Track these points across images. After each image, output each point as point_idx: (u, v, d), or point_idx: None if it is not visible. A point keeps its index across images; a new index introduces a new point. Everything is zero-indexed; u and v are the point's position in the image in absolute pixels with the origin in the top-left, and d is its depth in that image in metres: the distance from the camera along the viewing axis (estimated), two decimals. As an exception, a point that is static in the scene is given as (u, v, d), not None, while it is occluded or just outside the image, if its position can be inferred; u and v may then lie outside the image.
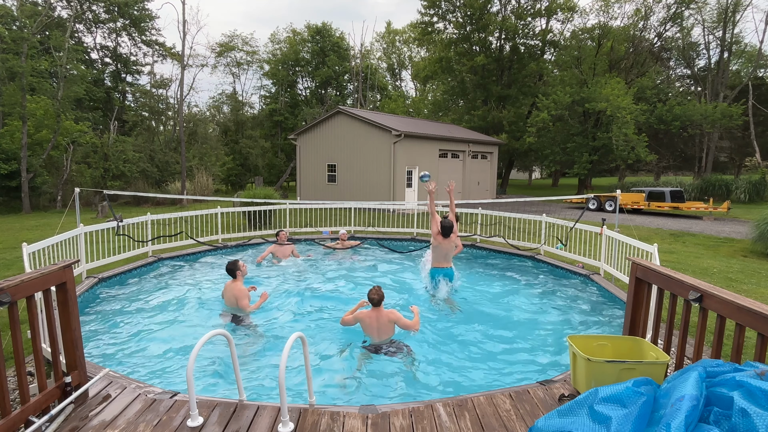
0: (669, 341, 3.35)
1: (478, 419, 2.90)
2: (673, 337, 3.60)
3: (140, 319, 5.61)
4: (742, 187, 24.07)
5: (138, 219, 8.57)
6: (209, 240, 9.94)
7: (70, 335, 3.03)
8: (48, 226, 14.28)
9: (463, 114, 33.36)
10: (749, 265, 9.20)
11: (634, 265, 3.58)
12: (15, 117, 21.49)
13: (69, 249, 6.42)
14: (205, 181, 26.16)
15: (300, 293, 6.60)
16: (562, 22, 32.20)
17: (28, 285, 2.63)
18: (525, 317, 5.86)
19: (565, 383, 3.40)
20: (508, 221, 10.37)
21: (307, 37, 40.25)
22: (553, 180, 44.83)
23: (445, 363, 4.51)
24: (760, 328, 2.34)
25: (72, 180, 23.30)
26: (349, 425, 2.83)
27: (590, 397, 2.24)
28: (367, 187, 19.04)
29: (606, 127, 25.66)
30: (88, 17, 31.95)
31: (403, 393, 3.92)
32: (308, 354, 3.09)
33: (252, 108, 42.77)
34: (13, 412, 2.54)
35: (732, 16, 28.29)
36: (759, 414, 1.75)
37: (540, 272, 8.20)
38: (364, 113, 20.92)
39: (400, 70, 52.40)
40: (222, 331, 2.86)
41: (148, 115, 35.14)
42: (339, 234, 10.03)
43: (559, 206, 22.07)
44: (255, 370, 4.32)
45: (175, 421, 2.85)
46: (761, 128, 31.13)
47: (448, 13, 31.90)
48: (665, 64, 34.84)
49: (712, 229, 14.81)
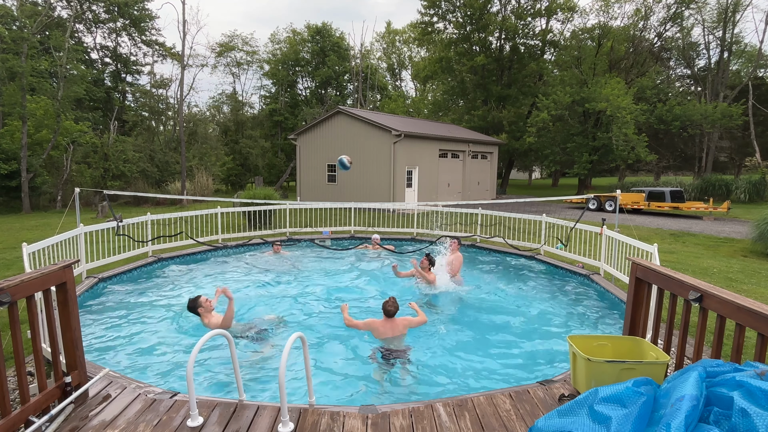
0: (669, 341, 3.35)
1: (478, 419, 2.90)
2: (673, 337, 3.60)
3: (140, 319, 5.61)
4: (742, 187, 24.06)
5: (138, 219, 8.57)
6: (209, 240, 9.94)
7: (70, 335, 3.03)
8: (48, 226, 14.28)
9: (463, 114, 33.37)
10: (749, 265, 9.20)
11: (634, 265, 3.58)
12: (15, 117, 21.50)
13: (69, 249, 6.41)
14: (205, 181, 26.16)
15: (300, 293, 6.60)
16: (562, 22, 32.23)
17: (28, 285, 2.63)
18: (525, 317, 5.86)
19: (565, 383, 3.40)
20: (508, 221, 10.37)
21: (307, 37, 40.26)
22: (553, 180, 44.82)
23: (445, 363, 4.51)
24: (760, 328, 2.34)
25: (72, 180, 23.30)
26: (349, 425, 2.83)
27: (590, 397, 2.24)
28: (367, 187, 19.04)
29: (606, 127, 25.66)
30: (88, 17, 31.96)
31: (403, 393, 3.92)
32: (308, 354, 3.09)
33: (252, 108, 42.84)
34: (13, 412, 2.53)
35: (732, 16, 28.29)
36: (759, 414, 1.75)
37: (540, 272, 8.20)
38: (364, 113, 20.91)
39: (400, 70, 52.41)
40: (222, 331, 2.86)
41: (148, 115, 35.16)
42: (372, 239, 9.89)
43: (559, 206, 22.07)
44: (255, 370, 4.32)
45: (175, 421, 2.85)
46: (761, 128, 31.12)
47: (448, 13, 31.90)
48: (665, 64, 34.84)
49: (712, 229, 14.81)
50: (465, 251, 9.13)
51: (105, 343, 4.86)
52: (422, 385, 4.10)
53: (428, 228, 11.64)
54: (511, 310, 6.11)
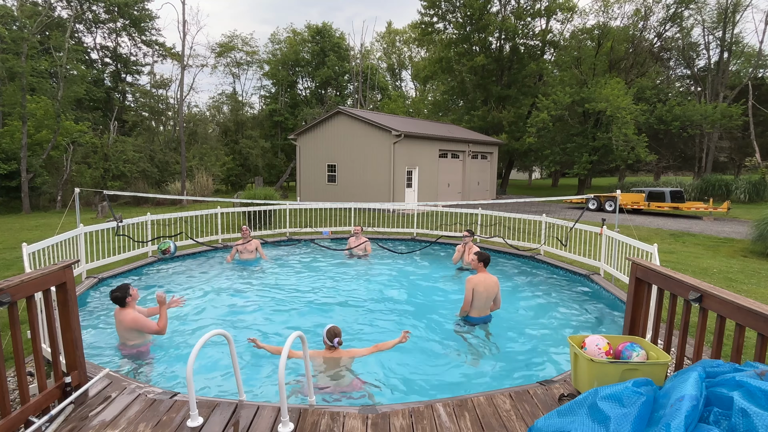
0: (669, 341, 3.35)
1: (478, 419, 2.90)
2: (673, 337, 3.60)
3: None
4: (742, 187, 24.05)
5: (138, 219, 8.58)
6: (209, 240, 9.94)
7: (70, 335, 3.03)
8: (48, 226, 14.28)
9: (463, 114, 33.37)
10: (749, 265, 9.20)
11: (634, 265, 3.58)
12: (15, 117, 21.50)
13: (69, 249, 6.42)
14: (205, 181, 26.16)
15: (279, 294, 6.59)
16: (562, 23, 32.22)
17: (28, 285, 2.63)
18: (525, 317, 5.87)
19: (565, 383, 3.40)
20: (507, 221, 10.38)
21: (308, 38, 40.27)
22: (553, 180, 44.82)
23: (445, 363, 4.51)
24: (760, 328, 2.34)
25: (72, 180, 23.30)
26: (349, 425, 2.83)
27: (590, 397, 2.24)
28: (367, 187, 19.04)
29: (606, 128, 25.66)
30: (88, 17, 31.97)
31: (403, 393, 3.92)
32: (307, 353, 3.09)
33: (252, 108, 42.86)
34: (13, 412, 2.54)
35: (732, 16, 28.28)
36: (759, 414, 1.75)
37: (540, 272, 8.20)
38: (364, 113, 20.91)
39: (400, 70, 52.42)
40: (222, 331, 2.86)
41: (148, 115, 35.17)
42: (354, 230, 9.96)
43: (559, 206, 22.07)
44: (255, 370, 4.32)
45: (175, 421, 2.85)
46: (761, 128, 31.13)
47: (448, 14, 31.90)
48: (665, 64, 34.83)
49: (712, 229, 14.81)
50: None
51: (105, 344, 4.86)
52: (422, 385, 4.10)
53: (428, 228, 11.64)
54: (510, 310, 6.11)
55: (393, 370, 4.30)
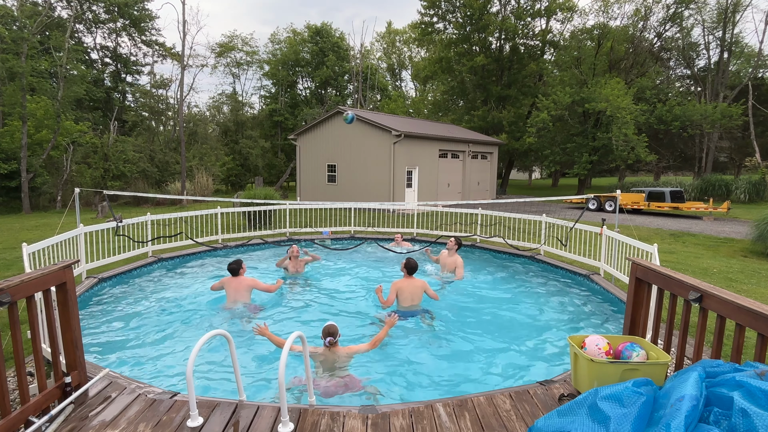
0: (669, 341, 3.35)
1: (478, 419, 2.90)
2: (673, 337, 3.60)
3: (140, 319, 5.60)
4: (742, 187, 24.05)
5: (138, 219, 8.57)
6: (209, 240, 9.94)
7: (70, 335, 3.03)
8: (48, 226, 14.28)
9: (463, 114, 33.36)
10: (749, 265, 9.21)
11: (634, 265, 3.58)
12: (15, 117, 21.50)
13: (69, 249, 6.41)
14: (205, 181, 26.16)
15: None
16: (562, 23, 32.23)
17: (28, 285, 2.63)
18: (525, 317, 5.86)
19: (565, 383, 3.40)
20: (507, 221, 10.38)
21: (307, 38, 40.27)
22: (553, 180, 44.82)
23: (445, 363, 4.51)
24: (760, 328, 2.34)
25: (72, 180, 23.30)
26: (349, 425, 2.83)
27: (590, 397, 2.24)
28: (367, 187, 19.04)
29: (606, 128, 25.66)
30: (88, 17, 31.98)
31: (403, 393, 3.91)
32: (308, 353, 3.09)
33: (252, 108, 42.86)
34: (13, 412, 2.54)
35: (732, 16, 28.28)
36: (759, 414, 1.75)
37: (540, 272, 8.20)
38: (364, 113, 20.91)
39: (400, 71, 52.42)
40: (222, 331, 2.86)
41: (148, 115, 35.17)
42: (395, 236, 10.10)
43: (559, 206, 22.07)
44: (255, 370, 4.32)
45: (175, 421, 2.85)
46: (761, 128, 31.13)
47: (448, 14, 31.91)
48: (665, 64, 34.82)
49: (712, 229, 14.81)
50: (464, 251, 9.13)
51: (105, 344, 4.86)
52: (422, 384, 4.10)
53: (428, 228, 11.64)
54: (510, 310, 6.11)
55: (393, 370, 4.30)
